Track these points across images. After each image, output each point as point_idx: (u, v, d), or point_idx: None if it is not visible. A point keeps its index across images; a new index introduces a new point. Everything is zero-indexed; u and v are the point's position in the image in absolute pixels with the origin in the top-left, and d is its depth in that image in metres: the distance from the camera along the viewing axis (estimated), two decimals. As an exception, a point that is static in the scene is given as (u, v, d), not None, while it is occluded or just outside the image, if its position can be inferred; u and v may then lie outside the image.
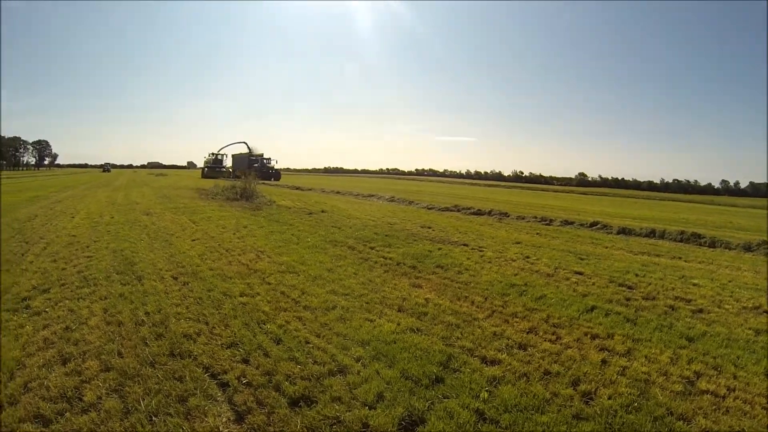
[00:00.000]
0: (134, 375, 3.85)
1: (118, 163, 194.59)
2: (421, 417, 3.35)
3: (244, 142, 68.31)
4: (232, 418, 3.27)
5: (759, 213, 38.04)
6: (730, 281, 8.24)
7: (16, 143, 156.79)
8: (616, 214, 24.06)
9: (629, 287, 7.42)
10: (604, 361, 4.52)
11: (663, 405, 3.72)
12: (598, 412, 3.55)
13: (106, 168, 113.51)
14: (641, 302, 6.60)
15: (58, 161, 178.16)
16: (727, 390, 4.07)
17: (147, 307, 5.59)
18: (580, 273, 8.28)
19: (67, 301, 5.79)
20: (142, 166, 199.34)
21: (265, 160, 64.40)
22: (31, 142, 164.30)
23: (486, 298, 6.44)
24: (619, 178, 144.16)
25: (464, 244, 10.88)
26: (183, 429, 3.10)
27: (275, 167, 64.89)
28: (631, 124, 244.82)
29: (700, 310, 6.36)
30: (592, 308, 6.16)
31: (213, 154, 69.30)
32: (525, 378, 4.07)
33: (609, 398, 3.78)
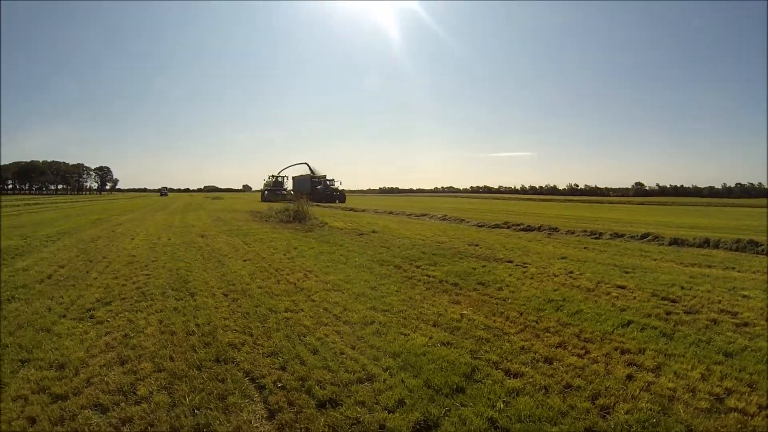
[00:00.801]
0: (182, 376, 4.38)
1: (175, 188, 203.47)
2: (435, 422, 3.62)
3: (305, 163, 67.01)
4: (264, 415, 3.70)
5: None
6: None
7: (80, 169, 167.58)
8: (671, 224, 23.79)
9: (672, 301, 7.38)
10: (629, 377, 4.55)
11: (683, 422, 3.71)
12: (612, 427, 3.64)
13: (163, 192, 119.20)
14: (682, 316, 6.56)
15: (119, 186, 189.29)
16: (758, 408, 3.98)
17: (198, 319, 6.18)
18: (623, 287, 8.29)
19: (126, 313, 6.46)
20: (199, 190, 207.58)
21: (328, 182, 62.92)
22: (93, 168, 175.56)
23: (521, 314, 6.59)
24: (678, 186, 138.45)
25: (509, 261, 11.03)
26: (220, 421, 3.55)
27: (339, 189, 62.91)
28: (691, 126, 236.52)
29: (746, 324, 6.25)
30: (629, 323, 6.19)
31: (273, 176, 68.75)
32: (544, 391, 4.20)
33: (626, 413, 3.82)
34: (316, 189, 60.34)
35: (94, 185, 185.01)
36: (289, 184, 68.29)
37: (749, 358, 5.02)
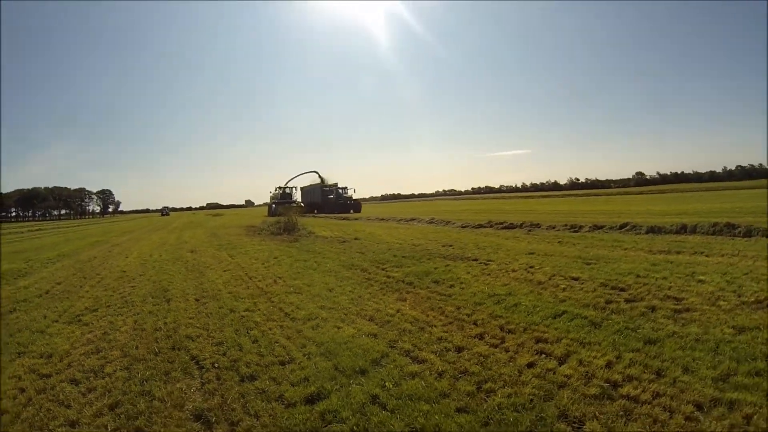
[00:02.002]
0: (142, 359, 5.71)
1: (177, 206, 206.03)
2: (326, 395, 4.39)
3: (315, 172, 62.70)
4: (196, 386, 4.91)
5: None
6: (745, 273, 8.09)
7: (82, 194, 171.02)
8: (660, 212, 24.14)
9: (621, 290, 7.58)
10: (530, 364, 4.85)
11: (560, 407, 3.92)
12: (483, 408, 3.98)
13: (164, 212, 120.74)
14: (621, 305, 6.75)
15: (121, 208, 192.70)
16: (653, 396, 4.07)
17: (167, 319, 7.49)
18: (576, 278, 8.61)
19: (109, 317, 7.84)
20: (201, 208, 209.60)
21: (340, 190, 59.27)
22: (95, 192, 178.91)
23: (458, 308, 7.13)
24: (679, 173, 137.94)
25: (474, 259, 11.64)
26: (159, 388, 4.83)
27: (353, 197, 59.08)
28: (686, 110, 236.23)
29: (687, 309, 6.32)
30: (562, 313, 6.47)
31: (280, 187, 63.53)
32: (438, 375, 4.70)
33: (507, 397, 4.15)
34: (327, 199, 57.81)
35: (97, 209, 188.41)
36: (298, 196, 64.48)
37: (671, 344, 5.12)
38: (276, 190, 63.52)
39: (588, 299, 7.16)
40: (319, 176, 61.88)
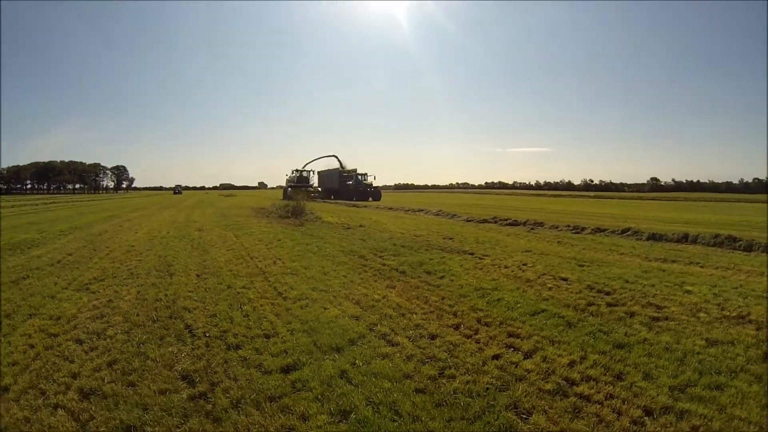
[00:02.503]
0: (140, 325, 6.32)
1: (191, 185, 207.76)
2: (299, 366, 4.81)
3: (334, 156, 60.40)
4: (186, 350, 5.48)
5: None
6: (735, 288, 8.17)
7: (97, 169, 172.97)
8: (669, 219, 24.25)
9: (606, 293, 7.73)
10: (496, 356, 5.06)
11: (513, 398, 4.13)
12: (440, 391, 4.24)
13: (177, 190, 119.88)
14: (601, 308, 6.88)
15: (135, 184, 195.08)
16: (606, 397, 4.18)
17: (168, 291, 8.10)
18: (565, 279, 8.83)
19: (114, 287, 8.46)
20: (214, 188, 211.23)
21: (360, 176, 56.92)
22: (110, 167, 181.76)
23: (442, 298, 7.41)
24: (695, 181, 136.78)
25: (470, 253, 11.96)
26: (153, 350, 5.43)
27: (374, 184, 56.83)
28: (708, 122, 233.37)
29: (666, 318, 6.43)
30: (541, 311, 6.67)
31: (297, 170, 61.23)
32: (407, 358, 4.98)
33: (464, 383, 4.40)
34: (346, 185, 56.66)
35: (111, 184, 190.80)
36: (316, 180, 62.85)
37: (638, 350, 5.23)
38: (293, 173, 61.21)
39: (570, 300, 7.34)
40: (339, 161, 59.83)
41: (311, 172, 62.34)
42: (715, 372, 4.73)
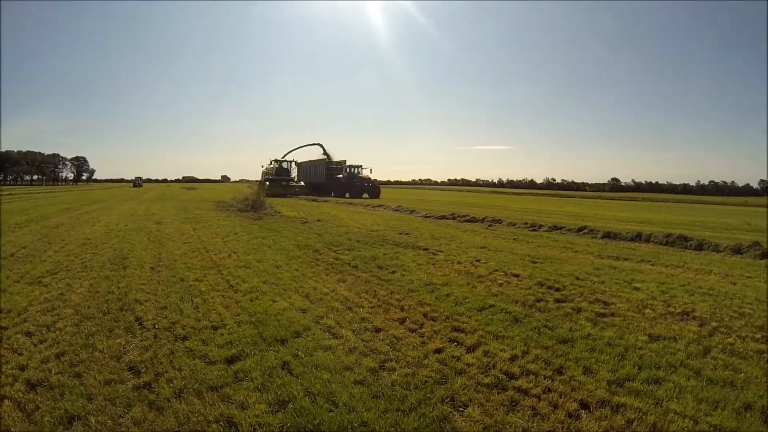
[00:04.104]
0: (91, 317, 6.33)
1: (152, 178, 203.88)
2: (243, 357, 4.90)
3: (318, 144, 52.15)
4: (135, 342, 5.54)
5: None
6: (682, 285, 8.40)
7: (56, 159, 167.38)
8: (626, 219, 25.11)
9: (556, 290, 7.83)
10: (438, 350, 5.12)
11: (451, 391, 4.18)
12: (378, 383, 4.31)
13: (137, 183, 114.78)
14: (548, 304, 6.97)
15: (96, 176, 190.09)
16: (543, 390, 4.24)
17: (120, 284, 8.09)
18: (516, 275, 8.93)
19: (67, 279, 8.38)
20: (176, 181, 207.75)
21: (353, 169, 49.27)
22: (69, 158, 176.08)
23: (391, 293, 7.47)
24: (654, 182, 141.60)
25: (425, 249, 12.04)
26: (101, 342, 5.48)
27: (371, 179, 49.02)
28: (668, 125, 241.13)
29: (612, 314, 6.54)
30: (489, 307, 6.73)
31: (276, 161, 52.35)
32: (349, 351, 5.04)
33: (403, 376, 4.46)
34: (335, 179, 48.65)
35: (70, 176, 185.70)
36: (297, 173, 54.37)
37: (581, 345, 5.29)
38: (270, 164, 52.24)
39: (519, 296, 7.43)
40: (324, 150, 51.57)
41: (292, 163, 53.84)
42: (654, 367, 4.83)
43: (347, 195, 44.82)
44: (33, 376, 4.58)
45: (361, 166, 49.39)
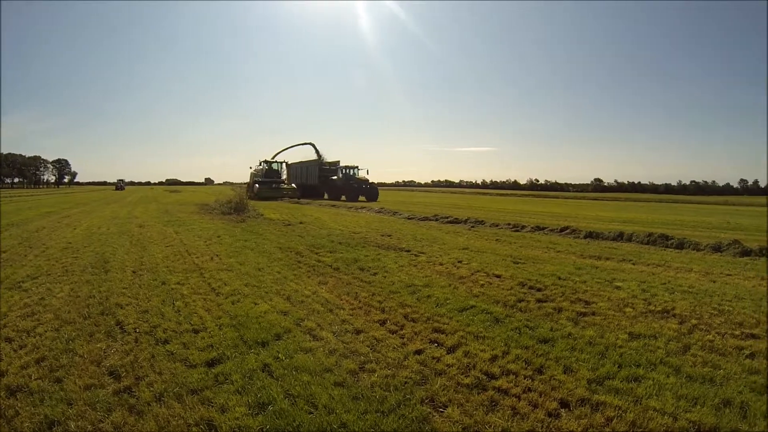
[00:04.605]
0: (71, 322, 6.28)
1: (135, 181, 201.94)
2: (224, 360, 4.88)
3: (310, 144, 49.71)
4: (116, 346, 5.51)
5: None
6: (663, 283, 8.45)
7: (37, 162, 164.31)
8: (608, 219, 25.36)
9: (538, 290, 7.83)
10: (418, 351, 5.11)
11: (430, 392, 4.18)
12: (358, 385, 4.33)
13: (119, 186, 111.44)
14: (530, 304, 6.97)
15: (78, 179, 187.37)
16: (524, 390, 4.25)
17: (101, 288, 8.02)
18: (498, 276, 8.89)
19: (48, 284, 8.29)
20: (160, 183, 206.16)
21: (348, 170, 46.22)
22: (51, 161, 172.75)
23: (372, 295, 7.42)
24: (636, 182, 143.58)
25: (407, 250, 12.00)
26: (82, 346, 5.44)
27: (369, 180, 45.93)
28: (650, 126, 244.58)
29: (593, 313, 6.56)
30: (470, 307, 6.71)
31: (266, 162, 48.82)
32: (329, 353, 5.04)
33: (383, 378, 4.45)
34: (329, 180, 46.72)
35: (52, 178, 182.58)
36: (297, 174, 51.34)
37: (562, 345, 5.30)
38: (260, 164, 48.58)
39: (500, 296, 7.41)
40: (316, 150, 49.17)
41: (283, 164, 50.42)
42: (634, 365, 4.85)
43: (343, 198, 42.61)
44: (13, 381, 4.55)
45: (357, 166, 46.24)
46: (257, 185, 43.35)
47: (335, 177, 46.13)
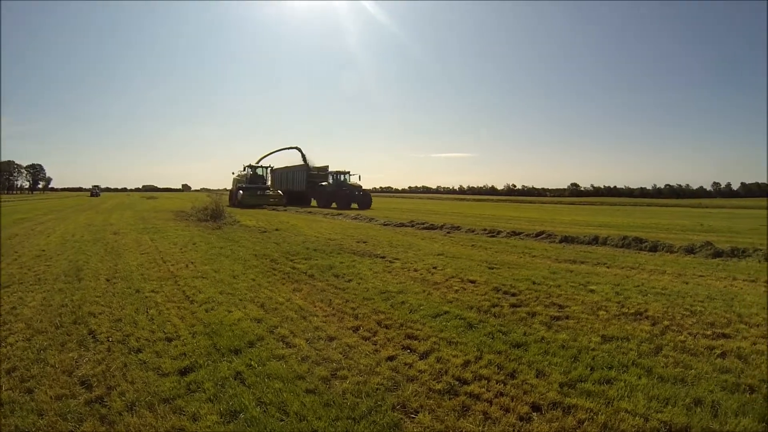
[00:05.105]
0: (43, 331, 6.20)
1: (112, 187, 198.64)
2: (197, 368, 4.84)
3: (296, 148, 46.79)
4: (88, 356, 5.45)
5: (739, 213, 40.68)
6: (636, 286, 8.51)
7: (10, 167, 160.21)
8: (585, 223, 25.62)
9: (512, 294, 7.82)
10: (391, 358, 5.10)
11: (402, 398, 4.17)
12: (330, 392, 4.32)
13: (94, 192, 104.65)
14: (504, 309, 6.96)
15: (52, 185, 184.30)
16: (495, 395, 4.23)
17: (74, 297, 7.91)
18: (473, 281, 8.87)
19: (19, 293, 8.17)
20: (136, 189, 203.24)
21: (339, 176, 43.31)
22: (24, 166, 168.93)
23: (346, 302, 7.39)
24: (612, 187, 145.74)
25: (382, 257, 11.96)
26: (53, 356, 5.38)
27: (361, 187, 42.96)
28: (624, 130, 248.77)
29: (567, 317, 6.56)
30: (444, 313, 6.72)
31: (250, 166, 45.07)
32: (301, 360, 5.02)
33: (355, 384, 4.44)
34: (318, 186, 43.40)
35: (26, 184, 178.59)
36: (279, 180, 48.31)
37: (535, 349, 5.30)
38: (244, 169, 44.68)
39: (474, 302, 7.38)
40: (302, 155, 46.28)
41: (268, 169, 46.96)
42: (606, 367, 4.87)
43: (334, 205, 40.22)
44: (-18, 392, 4.44)
45: (348, 172, 43.57)
46: (241, 192, 40.30)
47: (325, 183, 43.12)
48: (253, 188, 41.72)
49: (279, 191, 43.47)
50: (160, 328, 6.34)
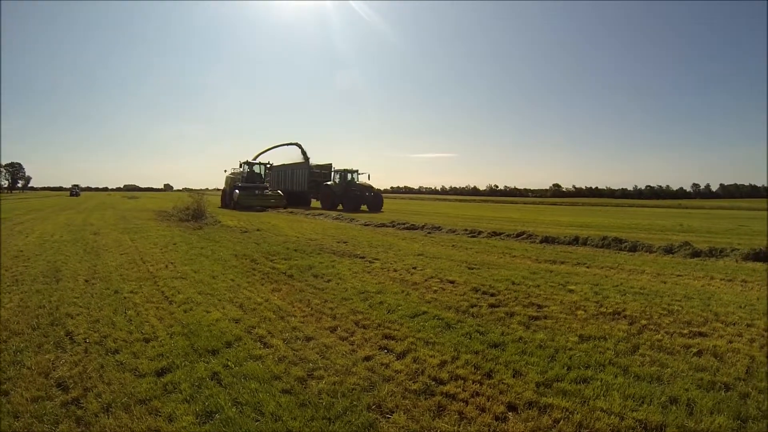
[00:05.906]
0: (20, 333, 6.13)
1: (93, 186, 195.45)
2: (174, 369, 4.81)
3: (296, 144, 42.62)
4: (65, 358, 5.40)
5: (717, 213, 41.47)
6: (615, 286, 8.55)
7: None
8: (566, 223, 25.79)
9: (491, 295, 7.82)
10: (367, 358, 5.10)
11: (378, 398, 4.17)
12: (305, 392, 4.32)
13: (74, 192, 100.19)
14: (482, 309, 6.96)
15: (32, 184, 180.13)
16: (471, 395, 4.26)
17: (52, 298, 7.82)
18: (452, 282, 8.89)
19: (-4, 295, 7.99)
20: (118, 189, 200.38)
21: (346, 174, 38.65)
22: (3, 164, 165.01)
23: (325, 302, 7.39)
24: (594, 187, 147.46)
25: (361, 257, 11.95)
26: (30, 358, 5.32)
27: (372, 187, 38.17)
28: (606, 132, 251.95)
29: (545, 317, 6.58)
30: (422, 313, 6.72)
31: (247, 163, 38.94)
32: (278, 360, 5.02)
33: (331, 384, 4.45)
34: (324, 187, 39.20)
35: (5, 183, 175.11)
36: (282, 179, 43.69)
37: (512, 349, 5.31)
38: (240, 167, 38.86)
39: (453, 302, 7.39)
40: (302, 151, 41.94)
41: (267, 166, 40.89)
42: (583, 366, 4.89)
43: (340, 207, 36.68)
44: (-43, 395, 4.39)
45: (357, 170, 38.57)
46: (237, 191, 35.11)
47: (330, 182, 39.14)
48: (251, 187, 36.56)
49: (279, 191, 38.92)
50: (137, 329, 6.29)
